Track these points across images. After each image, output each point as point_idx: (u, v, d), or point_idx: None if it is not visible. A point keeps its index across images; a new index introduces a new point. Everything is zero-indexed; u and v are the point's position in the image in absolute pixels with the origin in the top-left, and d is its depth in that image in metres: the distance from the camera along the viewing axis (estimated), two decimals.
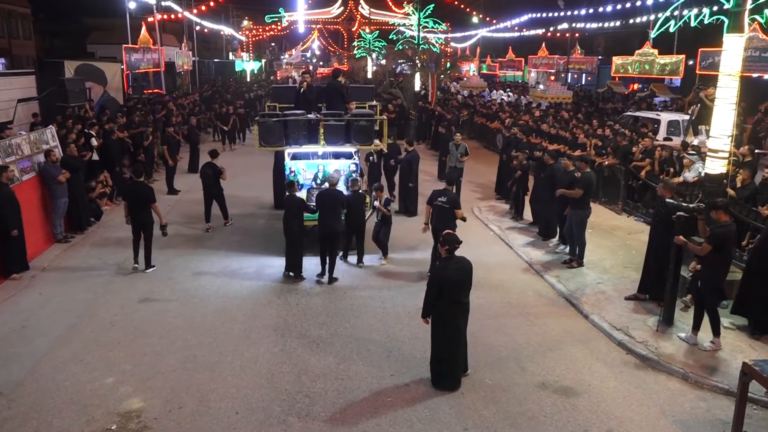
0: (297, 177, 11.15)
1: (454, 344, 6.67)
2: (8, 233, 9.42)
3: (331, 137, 10.60)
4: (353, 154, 11.28)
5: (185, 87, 35.22)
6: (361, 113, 10.97)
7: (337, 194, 9.74)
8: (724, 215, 7.33)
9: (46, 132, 12.13)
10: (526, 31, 40.48)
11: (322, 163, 11.30)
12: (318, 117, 10.64)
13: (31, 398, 6.38)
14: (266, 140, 10.51)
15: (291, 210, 9.64)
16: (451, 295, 6.56)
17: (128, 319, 8.28)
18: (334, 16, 59.69)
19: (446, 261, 6.63)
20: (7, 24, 42.80)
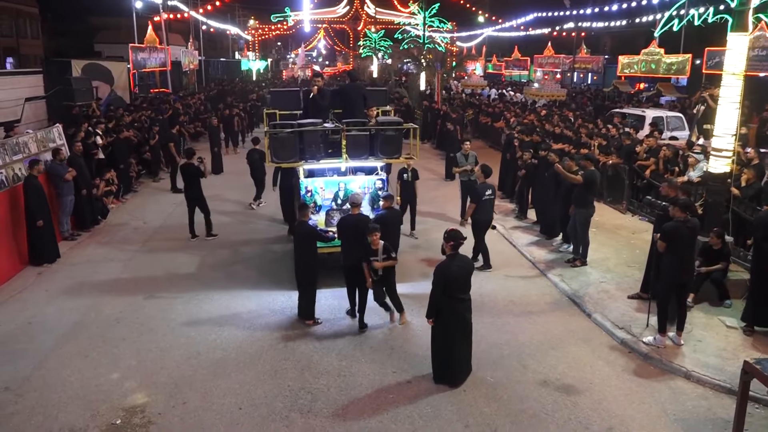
0: (315, 197, 9.40)
1: (462, 339, 6.73)
2: (35, 223, 9.88)
3: (354, 150, 9.12)
4: (378, 169, 9.73)
5: (191, 86, 35.35)
6: (388, 121, 9.48)
7: (363, 220, 8.08)
8: (680, 212, 7.34)
9: (53, 130, 12.24)
10: (531, 30, 40.42)
11: (343, 180, 9.54)
12: (337, 126, 9.36)
13: (37, 393, 6.46)
14: (279, 155, 9.02)
15: (301, 240, 8.11)
16: (455, 292, 6.60)
17: (133, 316, 8.35)
18: (340, 16, 59.69)
19: (450, 258, 6.64)
20: (15, 23, 43.05)
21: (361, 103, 9.86)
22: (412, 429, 5.97)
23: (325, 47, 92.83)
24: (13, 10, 42.59)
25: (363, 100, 9.93)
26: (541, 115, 20.27)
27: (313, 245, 8.08)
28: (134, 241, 11.64)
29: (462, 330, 6.72)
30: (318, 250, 8.32)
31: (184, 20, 40.35)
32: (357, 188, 9.43)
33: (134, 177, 15.66)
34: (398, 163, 10.04)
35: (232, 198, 14.78)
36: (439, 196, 15.15)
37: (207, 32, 50.04)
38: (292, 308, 8.53)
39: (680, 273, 7.52)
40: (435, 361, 6.85)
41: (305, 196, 9.31)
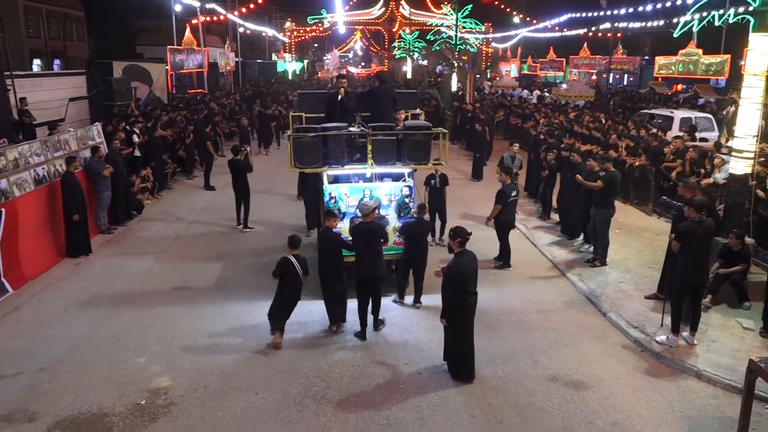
0: (339, 204, 8.94)
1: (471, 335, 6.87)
2: (72, 218, 10.42)
3: (380, 155, 8.78)
4: (406, 176, 9.24)
5: (228, 87, 36.14)
6: (417, 125, 9.14)
7: (375, 227, 7.83)
8: (694, 212, 7.36)
9: (93, 129, 12.82)
10: (566, 31, 40.04)
11: (368, 186, 9.11)
12: (363, 130, 8.98)
13: (70, 374, 6.88)
14: (301, 160, 8.80)
15: (326, 248, 7.90)
16: (467, 287, 6.73)
17: (162, 306, 8.76)
18: (375, 17, 59.98)
19: (459, 255, 6.79)
20: (63, 27, 44.59)
21: (390, 107, 9.49)
22: (419, 417, 6.18)
23: (361, 48, 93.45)
24: (61, 13, 44.14)
25: (393, 104, 9.56)
26: (570, 116, 20.19)
27: (339, 252, 7.89)
28: (167, 236, 12.11)
29: (471, 325, 6.86)
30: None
31: (222, 23, 41.29)
32: (383, 195, 8.98)
33: (169, 174, 16.21)
34: (426, 169, 9.60)
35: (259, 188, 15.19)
36: (465, 197, 15.28)
37: (244, 34, 51.03)
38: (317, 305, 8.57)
39: (694, 273, 7.54)
40: (451, 358, 6.95)
41: (329, 203, 8.91)
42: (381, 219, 8.53)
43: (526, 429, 6.04)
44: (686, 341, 7.57)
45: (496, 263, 10.50)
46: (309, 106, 10.01)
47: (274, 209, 13.94)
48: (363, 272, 7.78)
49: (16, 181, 9.64)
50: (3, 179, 9.36)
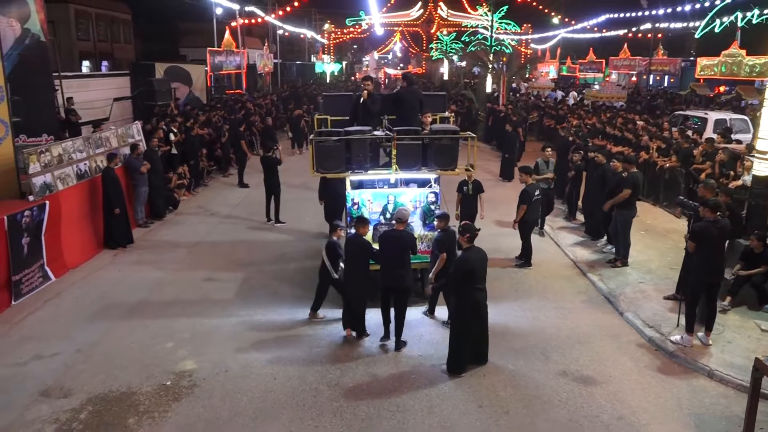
0: (362, 210, 8.59)
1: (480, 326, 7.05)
2: (113, 211, 11.03)
3: (405, 160, 8.48)
4: (432, 182, 8.88)
5: (266, 88, 36.91)
6: (444, 129, 8.82)
7: (404, 236, 7.52)
8: (709, 212, 7.37)
9: (132, 127, 13.44)
10: (605, 31, 39.53)
11: (392, 192, 8.73)
12: (387, 134, 8.64)
13: (103, 356, 7.34)
14: (323, 165, 8.55)
15: (354, 255, 7.65)
16: (475, 282, 6.91)
17: (191, 295, 9.21)
18: (414, 19, 60.25)
19: (468, 250, 6.96)
20: (110, 29, 46.24)
21: (417, 109, 9.18)
22: (428, 406, 6.40)
23: (401, 50, 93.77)
24: (109, 16, 45.78)
25: (420, 106, 9.24)
26: (603, 118, 20.04)
27: (366, 261, 7.63)
28: (200, 230, 12.62)
29: (481, 318, 7.03)
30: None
31: (262, 25, 42.15)
32: (408, 201, 8.62)
33: (205, 172, 16.79)
34: (453, 175, 9.11)
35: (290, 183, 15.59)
36: (494, 197, 15.32)
37: (285, 36, 51.95)
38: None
39: (709, 273, 7.56)
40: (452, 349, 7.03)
41: (351, 209, 8.61)
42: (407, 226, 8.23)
43: (532, 420, 6.20)
44: (701, 341, 7.58)
45: (517, 262, 10.62)
46: (334, 108, 9.76)
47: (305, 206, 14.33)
48: (389, 282, 7.45)
49: (60, 176, 10.23)
50: (48, 173, 9.96)
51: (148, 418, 6.11)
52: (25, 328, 8.09)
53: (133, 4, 47.75)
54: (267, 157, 12.93)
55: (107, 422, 6.04)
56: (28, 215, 9.07)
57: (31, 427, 5.95)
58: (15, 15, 13.82)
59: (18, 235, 8.86)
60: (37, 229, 9.32)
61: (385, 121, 9.13)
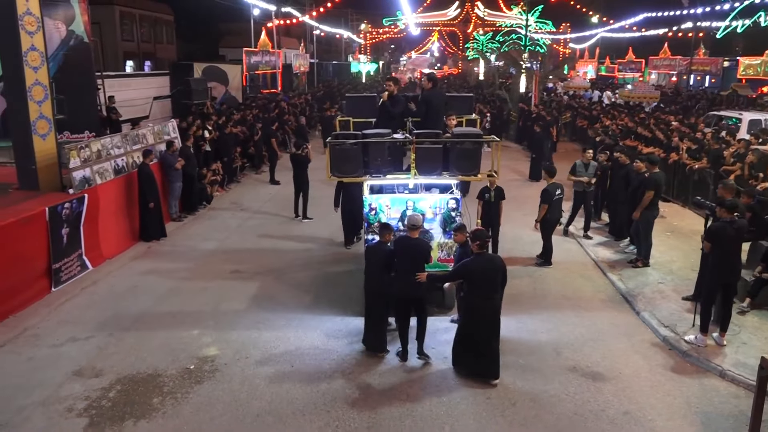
0: (380, 216, 8.32)
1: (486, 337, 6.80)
2: (147, 205, 11.53)
3: (425, 164, 8.16)
4: (453, 187, 8.52)
5: (301, 87, 37.50)
6: (466, 132, 8.52)
7: (419, 244, 7.22)
8: (726, 213, 7.37)
9: (168, 125, 13.97)
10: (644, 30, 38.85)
11: (411, 198, 8.42)
12: (407, 137, 8.39)
13: (133, 340, 7.77)
14: (340, 168, 8.30)
15: (375, 263, 7.31)
16: (477, 290, 6.76)
17: (218, 286, 9.60)
18: (451, 18, 60.22)
19: (476, 256, 6.80)
20: (153, 30, 47.59)
21: (443, 112, 9.03)
22: (437, 396, 6.61)
23: (439, 50, 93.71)
24: (152, 17, 47.13)
25: (444, 109, 9.08)
26: (636, 118, 19.84)
27: (388, 269, 7.29)
28: (230, 225, 13.07)
29: (485, 328, 6.79)
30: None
31: (299, 25, 42.81)
32: (427, 207, 8.30)
33: (238, 169, 17.28)
34: (475, 181, 8.90)
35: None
36: (519, 196, 15.41)
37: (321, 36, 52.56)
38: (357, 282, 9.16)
39: (725, 273, 7.57)
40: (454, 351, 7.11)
41: (369, 214, 8.38)
42: (425, 233, 8.08)
43: (537, 413, 6.34)
44: (715, 341, 7.59)
45: (538, 260, 10.72)
46: (358, 110, 9.53)
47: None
48: (403, 291, 7.18)
49: (99, 170, 10.77)
50: (87, 168, 10.50)
51: (171, 399, 6.49)
52: (62, 312, 8.61)
53: (176, 5, 49.01)
54: (296, 154, 13.31)
55: (133, 401, 6.43)
56: (67, 207, 9.61)
57: (65, 402, 6.38)
58: (61, 17, 14.55)
59: (58, 225, 9.39)
60: (76, 220, 9.85)
61: (409, 124, 8.90)
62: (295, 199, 13.44)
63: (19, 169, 10.24)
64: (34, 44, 9.89)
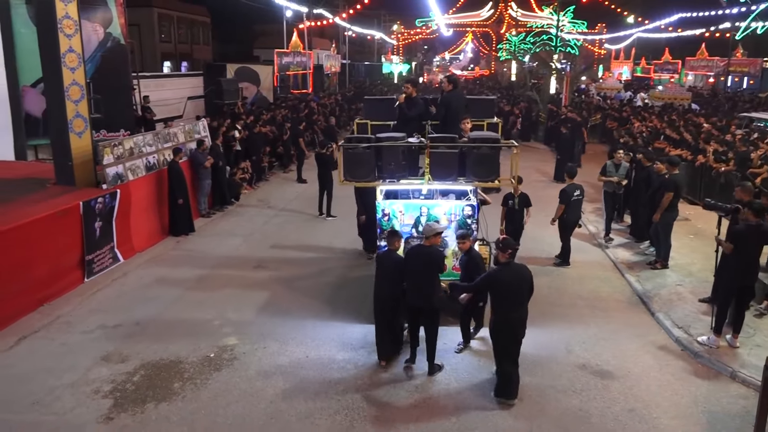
0: (393, 222, 8.07)
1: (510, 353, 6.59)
2: (177, 201, 11.97)
3: (439, 169, 7.92)
4: (469, 193, 8.28)
5: (332, 88, 37.94)
6: (483, 137, 8.16)
7: (431, 252, 6.97)
8: (753, 216, 7.34)
9: (199, 124, 14.43)
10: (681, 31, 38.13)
11: (425, 204, 8.14)
12: (421, 141, 8.13)
13: (159, 329, 8.16)
14: (352, 172, 8.10)
15: (385, 272, 7.13)
16: (504, 302, 6.47)
17: (242, 280, 9.95)
18: (484, 19, 60.04)
19: (504, 266, 6.46)
20: (190, 31, 48.82)
21: (462, 114, 8.82)
22: (446, 389, 6.80)
23: (472, 50, 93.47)
24: (189, 19, 48.35)
25: (464, 112, 8.86)
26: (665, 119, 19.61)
27: (399, 279, 7.08)
28: (256, 221, 13.44)
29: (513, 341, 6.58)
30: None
31: (333, 26, 43.30)
32: (442, 214, 8.03)
33: (266, 167, 17.69)
34: (494, 187, 8.63)
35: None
36: (543, 197, 15.40)
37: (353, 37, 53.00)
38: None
39: (745, 276, 7.56)
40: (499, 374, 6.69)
41: (382, 220, 8.12)
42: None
43: (542, 408, 6.47)
44: (728, 343, 7.59)
45: (556, 260, 10.78)
46: (377, 113, 9.33)
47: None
48: (414, 301, 7.01)
49: (131, 167, 11.24)
50: (120, 165, 10.98)
51: (190, 384, 6.82)
52: (94, 302, 9.06)
53: (213, 7, 50.14)
54: (321, 154, 13.60)
55: (156, 385, 6.78)
56: (101, 202, 10.07)
57: (92, 385, 6.77)
58: (99, 20, 15.17)
59: (92, 219, 9.85)
60: (108, 214, 10.32)
61: (429, 127, 8.57)
62: (320, 197, 13.73)
63: (56, 165, 10.77)
64: (72, 46, 10.38)
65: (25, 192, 10.16)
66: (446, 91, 8.98)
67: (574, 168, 11.19)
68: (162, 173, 12.06)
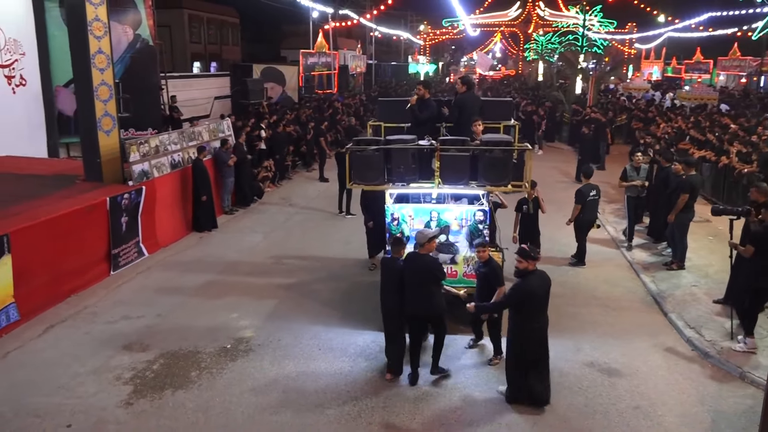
0: (402, 226, 7.94)
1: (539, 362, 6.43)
2: (200, 198, 12.31)
3: (450, 173, 7.71)
4: (481, 197, 8.11)
5: (357, 88, 38.22)
6: (495, 140, 7.91)
7: (426, 261, 6.82)
8: None
9: (223, 123, 14.80)
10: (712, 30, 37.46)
11: (435, 209, 8.00)
12: (432, 143, 7.83)
13: (179, 320, 8.47)
14: (361, 176, 7.93)
15: (389, 279, 6.93)
16: (533, 311, 6.30)
17: (261, 274, 10.24)
18: (512, 19, 59.67)
19: (531, 275, 6.26)
20: (220, 32, 49.55)
21: (477, 116, 8.53)
22: (454, 383, 6.95)
23: (501, 50, 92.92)
24: (219, 20, 49.08)
25: (479, 113, 8.59)
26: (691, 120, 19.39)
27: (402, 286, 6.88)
28: (278, 219, 13.74)
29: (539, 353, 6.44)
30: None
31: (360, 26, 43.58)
32: (453, 219, 7.91)
33: (290, 166, 18.00)
34: (507, 191, 8.52)
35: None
36: (563, 198, 15.42)
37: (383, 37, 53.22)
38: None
39: (762, 277, 7.54)
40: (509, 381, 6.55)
41: (391, 225, 8.01)
42: (450, 246, 7.87)
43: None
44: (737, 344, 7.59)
45: (572, 260, 10.82)
46: (391, 115, 9.07)
47: None
48: (411, 309, 6.82)
49: (156, 165, 11.62)
50: (146, 162, 11.36)
51: (207, 373, 7.09)
52: (119, 294, 9.42)
53: (241, 8, 50.79)
54: (341, 153, 13.80)
55: (174, 373, 7.07)
56: (127, 198, 10.45)
57: (114, 372, 7.09)
58: (129, 22, 15.64)
59: (118, 214, 10.23)
60: (134, 210, 10.69)
61: (443, 130, 8.47)
62: (339, 195, 13.96)
63: (85, 162, 11.19)
64: (101, 48, 10.78)
65: (55, 188, 10.60)
66: (460, 93, 8.73)
67: (590, 168, 11.20)
68: (186, 171, 12.42)
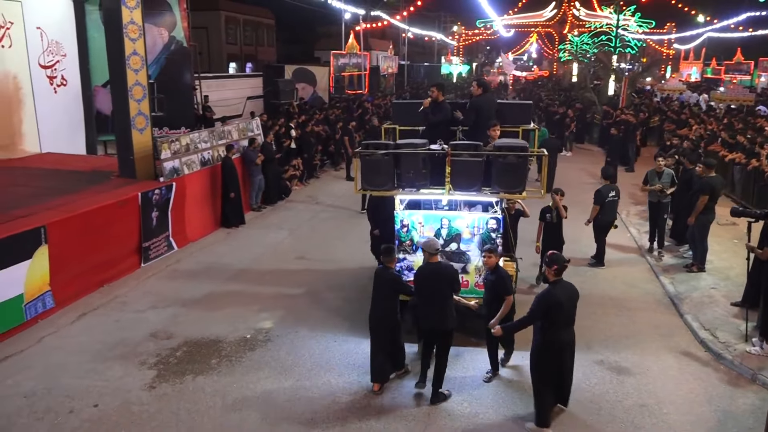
0: (412, 234, 7.63)
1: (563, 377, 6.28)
2: (229, 195, 12.73)
3: (461, 179, 7.45)
4: (494, 204, 7.75)
5: (389, 89, 38.46)
6: (509, 145, 7.56)
7: (441, 270, 6.55)
8: None
9: (252, 122, 15.21)
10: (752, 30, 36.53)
11: (446, 216, 7.64)
12: (443, 148, 7.51)
13: (202, 312, 8.83)
14: (370, 181, 7.71)
15: (380, 289, 6.72)
16: (559, 324, 5.99)
17: (282, 269, 10.57)
18: (547, 19, 59.16)
19: (554, 285, 6.00)
20: (255, 33, 50.43)
21: (493, 120, 8.34)
22: (460, 381, 7.12)
23: (537, 51, 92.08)
24: (255, 22, 49.97)
25: (495, 117, 8.39)
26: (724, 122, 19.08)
27: (394, 296, 6.76)
28: (303, 216, 14.08)
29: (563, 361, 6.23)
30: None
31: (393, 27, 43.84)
32: (464, 227, 7.53)
33: (318, 165, 18.35)
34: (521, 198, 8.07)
35: None
36: (589, 200, 15.33)
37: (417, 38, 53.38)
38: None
39: None
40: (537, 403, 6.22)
41: (400, 231, 7.67)
42: (462, 255, 7.57)
43: None
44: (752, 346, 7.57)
45: (591, 261, 10.86)
46: (406, 117, 8.83)
47: None
48: (426, 324, 6.63)
49: (186, 162, 12.06)
50: (176, 159, 11.80)
51: (226, 361, 7.43)
52: (148, 285, 9.85)
53: (277, 9, 51.53)
54: None
55: (195, 360, 7.43)
56: (158, 193, 10.90)
57: (140, 357, 7.48)
58: (165, 24, 16.20)
59: (149, 209, 10.68)
60: (165, 205, 11.14)
61: (459, 134, 8.30)
62: (362, 194, 14.17)
63: (120, 159, 11.68)
64: (136, 49, 11.25)
65: (91, 183, 11.12)
66: (475, 96, 8.54)
67: (609, 169, 11.25)
68: (216, 168, 12.84)
